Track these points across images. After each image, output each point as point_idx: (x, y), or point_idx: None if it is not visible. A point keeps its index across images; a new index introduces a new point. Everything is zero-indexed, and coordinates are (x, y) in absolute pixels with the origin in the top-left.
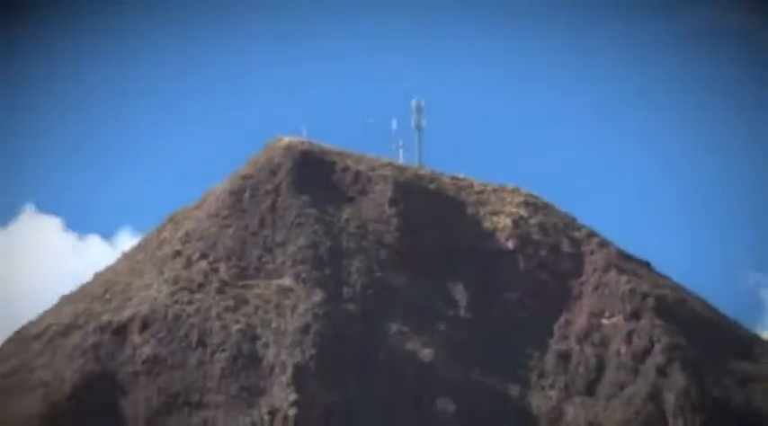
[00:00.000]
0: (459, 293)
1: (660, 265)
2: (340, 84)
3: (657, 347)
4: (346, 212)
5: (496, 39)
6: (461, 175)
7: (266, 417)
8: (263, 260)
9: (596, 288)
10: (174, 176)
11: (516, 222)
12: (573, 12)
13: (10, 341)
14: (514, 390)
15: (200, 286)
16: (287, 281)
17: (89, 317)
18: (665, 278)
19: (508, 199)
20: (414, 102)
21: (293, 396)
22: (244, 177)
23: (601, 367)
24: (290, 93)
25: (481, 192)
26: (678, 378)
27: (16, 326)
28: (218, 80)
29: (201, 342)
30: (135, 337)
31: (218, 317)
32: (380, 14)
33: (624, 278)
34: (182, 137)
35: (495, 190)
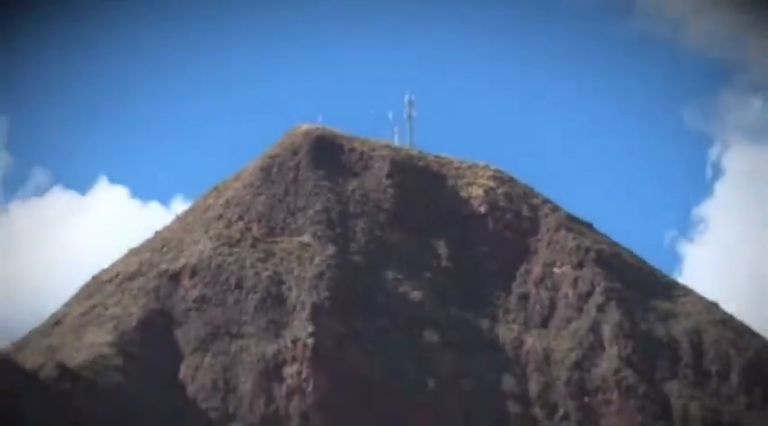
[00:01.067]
0: (442, 248)
1: (600, 225)
2: (349, 81)
3: (597, 290)
4: (352, 184)
5: (478, 37)
6: (444, 155)
7: (289, 345)
8: (287, 221)
9: (549, 244)
10: (216, 153)
11: (486, 192)
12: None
13: (88, 285)
14: (485, 324)
15: (237, 241)
16: (306, 238)
17: (150, 266)
18: (603, 235)
19: (480, 174)
20: (406, 97)
21: (311, 328)
22: (271, 156)
23: (552, 306)
24: (308, 88)
25: (459, 168)
26: (614, 315)
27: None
28: (249, 76)
29: (238, 286)
30: (186, 282)
31: (252, 266)
32: (379, 16)
33: (571, 235)
34: (225, 122)
35: (469, 167)
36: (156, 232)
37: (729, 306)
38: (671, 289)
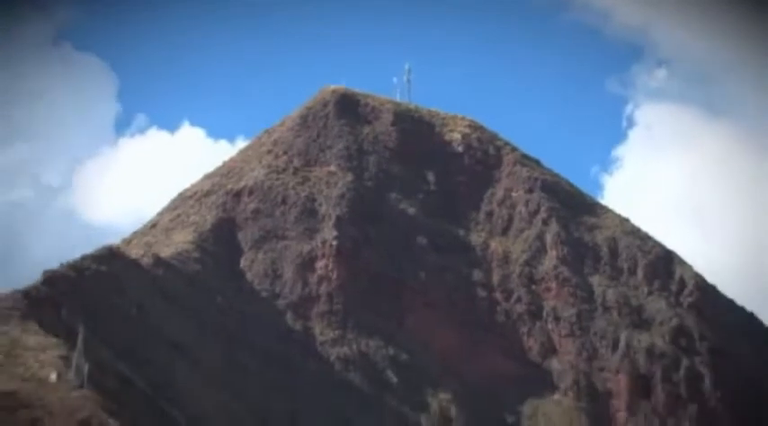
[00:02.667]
0: (430, 176)
1: (545, 161)
2: (365, 53)
3: (542, 209)
4: (366, 129)
5: (456, 23)
6: (432, 108)
7: (320, 245)
8: (318, 155)
9: (508, 175)
10: (267, 104)
11: (463, 136)
12: None
13: (175, 200)
14: (461, 232)
15: (283, 170)
16: (332, 168)
17: (220, 186)
18: (547, 169)
19: (459, 123)
20: (406, 66)
21: (335, 233)
22: (308, 108)
23: (510, 220)
24: (336, 57)
25: (444, 118)
26: (554, 226)
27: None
28: (293, 49)
29: (283, 202)
30: (245, 198)
31: (293, 188)
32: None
33: (525, 169)
34: (275, 81)
35: (451, 118)
36: (224, 162)
37: (637, 221)
38: (595, 208)
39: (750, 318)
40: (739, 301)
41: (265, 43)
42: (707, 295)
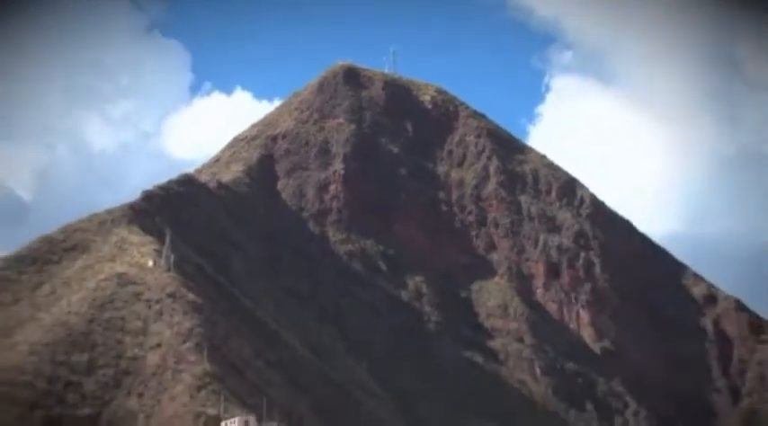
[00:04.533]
0: (409, 126)
1: (490, 115)
2: (364, 37)
3: (486, 148)
4: (364, 93)
5: (426, 16)
6: (411, 78)
7: (332, 174)
8: (331, 111)
9: (463, 125)
10: (295, 73)
11: (432, 97)
12: None
13: (231, 142)
14: (431, 165)
15: (306, 121)
16: (341, 120)
17: (262, 132)
18: (490, 120)
19: (429, 88)
20: (392, 49)
21: (342, 166)
22: (323, 77)
23: (464, 156)
24: (345, 38)
25: (419, 85)
26: (495, 161)
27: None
28: (317, 34)
29: (306, 144)
30: (280, 141)
31: (313, 134)
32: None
33: (474, 121)
34: (299, 57)
35: (423, 84)
36: (265, 115)
37: (552, 157)
38: (523, 149)
39: (628, 224)
40: (621, 212)
41: (295, 27)
42: (598, 208)
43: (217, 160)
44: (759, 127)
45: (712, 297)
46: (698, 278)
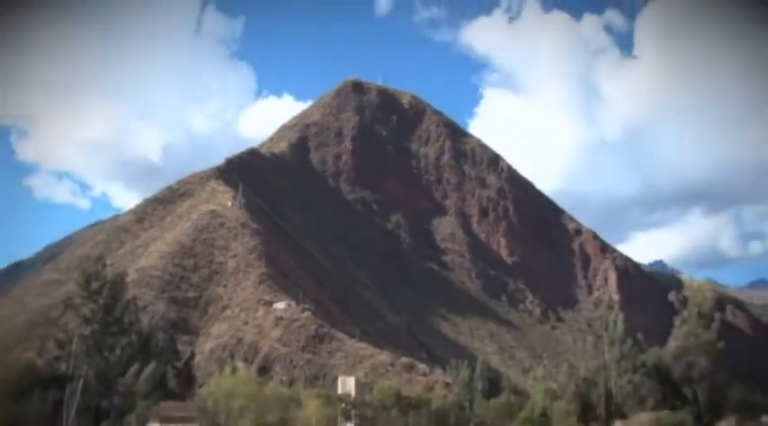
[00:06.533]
0: (393, 119)
1: (445, 111)
2: (370, 60)
3: (443, 133)
4: (365, 97)
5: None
6: (395, 88)
7: (344, 149)
8: (344, 108)
9: (428, 118)
10: (322, 80)
11: (408, 101)
12: None
13: (280, 128)
14: (407, 144)
15: (327, 115)
16: (349, 115)
17: (298, 122)
18: (446, 116)
19: (406, 95)
20: (380, 79)
21: (351, 143)
22: (338, 88)
23: (428, 139)
24: (358, 56)
25: (399, 92)
26: (449, 143)
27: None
28: (342, 52)
29: (327, 129)
30: (312, 127)
31: (332, 122)
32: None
33: (435, 116)
34: (326, 67)
35: (402, 92)
36: (302, 111)
37: (484, 140)
38: (466, 135)
39: (530, 184)
40: (526, 176)
41: (322, 52)
42: (512, 174)
43: (271, 139)
44: (612, 119)
45: (579, 229)
46: (571, 218)
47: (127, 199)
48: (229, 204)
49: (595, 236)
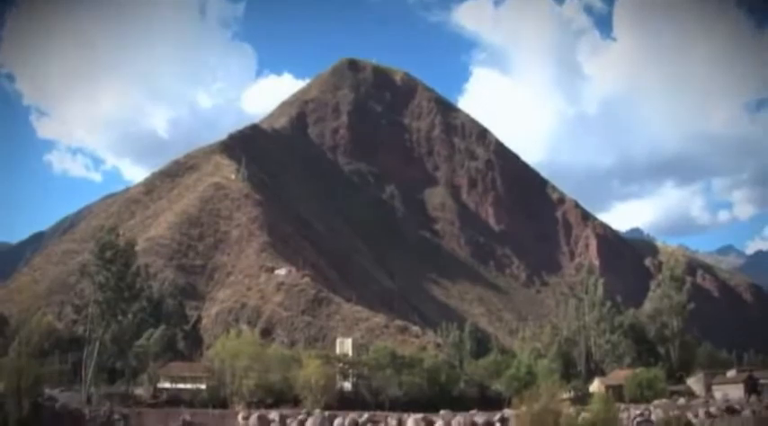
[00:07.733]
0: (387, 95)
1: (435, 87)
2: (367, 42)
3: (434, 109)
4: (360, 74)
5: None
6: (389, 65)
7: (342, 123)
8: (341, 85)
9: (419, 94)
10: (320, 60)
11: (401, 78)
12: None
13: (280, 105)
14: (400, 118)
15: (325, 91)
16: (346, 92)
17: (299, 98)
18: (438, 92)
19: (399, 72)
20: (374, 58)
21: (347, 118)
22: (335, 67)
23: (420, 114)
24: (356, 40)
25: (393, 70)
26: (439, 117)
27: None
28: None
29: (325, 105)
30: (310, 103)
31: (329, 99)
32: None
33: (426, 92)
34: (324, 47)
35: (396, 70)
36: (300, 88)
37: (473, 115)
38: (456, 110)
39: (516, 156)
40: (513, 148)
41: (320, 32)
42: (500, 146)
43: (272, 115)
44: (592, 95)
45: (562, 199)
46: (554, 188)
47: (136, 173)
48: (233, 177)
49: (577, 205)
